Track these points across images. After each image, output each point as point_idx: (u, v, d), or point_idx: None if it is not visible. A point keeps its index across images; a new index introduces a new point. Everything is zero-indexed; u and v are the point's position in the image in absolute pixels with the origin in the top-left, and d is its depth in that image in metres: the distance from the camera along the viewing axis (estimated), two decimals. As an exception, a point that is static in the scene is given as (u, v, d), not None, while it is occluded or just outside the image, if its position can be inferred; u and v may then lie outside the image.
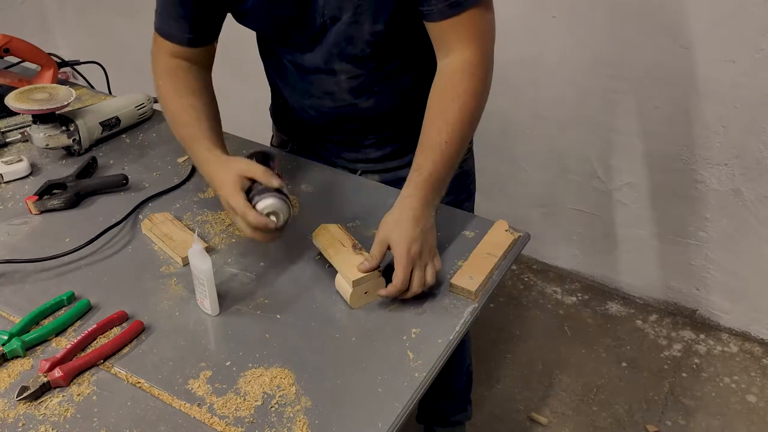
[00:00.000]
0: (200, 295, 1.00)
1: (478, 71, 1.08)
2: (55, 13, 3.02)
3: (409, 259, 0.98)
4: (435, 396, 1.76)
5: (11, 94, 1.33)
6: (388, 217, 1.04)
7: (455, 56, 1.08)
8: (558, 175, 2.27)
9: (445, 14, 1.05)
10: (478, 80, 1.08)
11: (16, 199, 1.25)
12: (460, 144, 1.07)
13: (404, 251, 0.98)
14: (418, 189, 1.04)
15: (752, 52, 1.78)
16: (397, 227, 1.01)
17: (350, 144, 1.33)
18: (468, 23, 1.06)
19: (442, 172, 1.06)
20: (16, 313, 1.00)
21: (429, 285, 1.01)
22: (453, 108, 1.07)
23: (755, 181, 1.95)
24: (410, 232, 1.00)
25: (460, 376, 1.71)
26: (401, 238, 0.99)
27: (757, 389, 2.04)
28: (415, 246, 0.99)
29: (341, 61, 1.16)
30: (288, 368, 0.92)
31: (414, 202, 1.03)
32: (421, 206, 1.03)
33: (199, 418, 0.85)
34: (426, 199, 1.04)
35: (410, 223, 1.01)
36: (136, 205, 1.22)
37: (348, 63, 1.16)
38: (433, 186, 1.05)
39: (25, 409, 0.86)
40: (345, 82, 1.19)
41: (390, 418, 0.85)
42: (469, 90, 1.07)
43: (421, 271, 1.00)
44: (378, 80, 1.20)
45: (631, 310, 2.34)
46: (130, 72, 2.08)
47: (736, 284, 2.16)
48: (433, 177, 1.05)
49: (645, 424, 1.94)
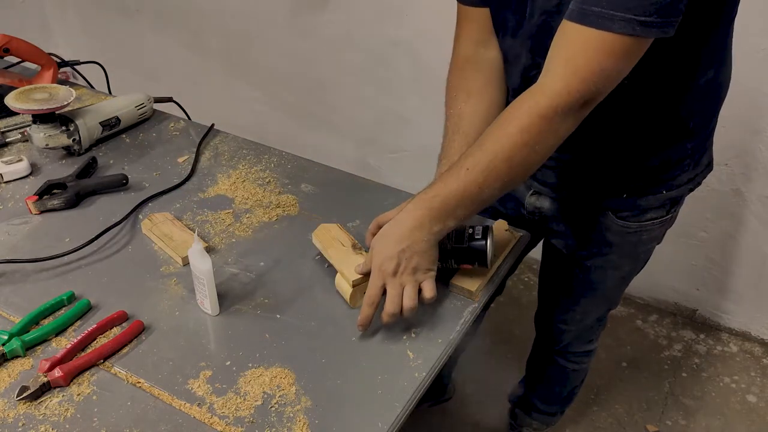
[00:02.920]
0: (200, 295, 1.00)
1: (546, 104, 0.87)
2: (55, 13, 3.01)
3: (379, 273, 0.94)
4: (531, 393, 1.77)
5: (11, 94, 1.33)
6: (383, 227, 0.99)
7: (543, 78, 0.89)
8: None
9: (571, 15, 0.84)
10: (540, 115, 0.87)
11: (16, 199, 1.25)
12: (485, 178, 0.91)
13: (376, 265, 0.95)
14: (416, 207, 0.95)
15: (752, 52, 1.78)
16: (381, 240, 0.96)
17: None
18: (580, 45, 0.84)
19: (451, 199, 0.93)
20: (16, 313, 1.00)
21: (407, 309, 0.94)
22: (494, 136, 0.91)
23: (755, 181, 1.95)
24: (388, 248, 0.94)
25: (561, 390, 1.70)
26: (378, 252, 0.95)
27: (757, 389, 2.04)
28: (389, 263, 0.93)
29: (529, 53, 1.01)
30: (288, 368, 0.92)
31: (405, 219, 0.95)
32: (411, 226, 0.94)
33: (199, 418, 0.85)
34: (419, 220, 0.94)
35: (393, 239, 0.95)
36: (136, 205, 1.22)
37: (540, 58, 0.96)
38: (434, 209, 0.94)
39: (25, 409, 0.86)
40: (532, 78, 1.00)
41: (390, 418, 0.85)
42: (522, 122, 0.89)
43: (394, 289, 0.94)
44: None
45: (631, 310, 2.34)
46: (130, 72, 2.08)
47: (736, 284, 2.16)
48: (437, 200, 0.94)
49: (645, 424, 1.93)
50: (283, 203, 1.24)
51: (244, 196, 1.26)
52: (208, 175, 1.33)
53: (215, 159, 1.39)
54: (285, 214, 1.22)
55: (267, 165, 1.36)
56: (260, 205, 1.24)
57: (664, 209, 1.17)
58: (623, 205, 1.15)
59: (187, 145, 1.43)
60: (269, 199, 1.25)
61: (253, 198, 1.26)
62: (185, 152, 1.40)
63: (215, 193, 1.28)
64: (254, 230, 1.18)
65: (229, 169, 1.35)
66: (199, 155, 1.39)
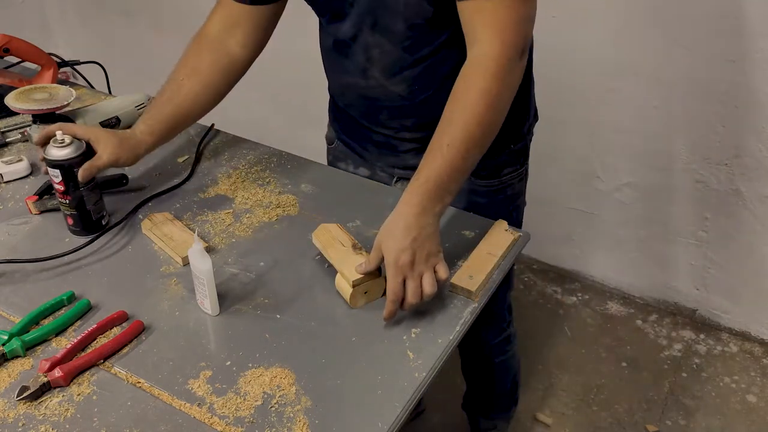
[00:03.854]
0: (200, 295, 1.00)
1: (495, 68, 0.98)
2: (55, 13, 3.02)
3: (398, 269, 0.95)
4: (477, 397, 1.77)
5: (11, 94, 1.33)
6: (385, 223, 1.00)
7: (477, 48, 0.99)
8: (558, 175, 2.27)
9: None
10: (493, 78, 0.98)
11: (16, 199, 1.25)
12: (466, 148, 0.99)
13: (392, 261, 0.95)
14: (414, 195, 0.98)
15: (752, 52, 1.78)
16: (388, 235, 0.97)
17: (388, 147, 1.28)
18: (498, 10, 0.96)
19: (443, 177, 0.98)
20: (16, 313, 1.00)
21: (428, 295, 0.96)
22: (459, 108, 0.99)
23: (755, 181, 1.95)
24: (400, 241, 0.95)
25: (503, 384, 1.71)
26: (390, 248, 0.96)
27: (757, 389, 2.04)
28: (405, 255, 0.95)
29: (373, 31, 1.10)
30: (288, 368, 0.92)
31: (407, 209, 0.98)
32: (415, 213, 0.97)
33: (199, 418, 0.85)
34: (421, 205, 0.97)
35: (401, 231, 0.96)
36: (136, 205, 1.22)
37: (380, 36, 1.10)
38: (431, 192, 0.98)
39: (25, 409, 0.86)
40: (377, 58, 1.13)
41: (390, 418, 0.85)
42: (480, 88, 0.98)
43: (415, 281, 0.95)
44: (411, 63, 1.13)
45: (631, 310, 2.34)
46: (130, 72, 2.08)
47: (736, 284, 2.16)
48: (431, 182, 0.98)
49: (645, 424, 1.94)
50: (283, 203, 1.24)
51: (244, 196, 1.26)
52: (208, 175, 1.33)
53: (215, 159, 1.39)
54: (285, 214, 1.22)
55: (267, 165, 1.36)
56: (260, 205, 1.24)
57: (518, 163, 1.31)
58: (481, 166, 1.19)
59: (187, 145, 1.43)
60: (269, 199, 1.25)
61: (253, 198, 1.26)
62: (185, 152, 1.40)
63: (215, 193, 1.28)
64: (254, 230, 1.18)
65: (229, 169, 1.35)
66: (199, 155, 1.39)
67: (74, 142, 1.09)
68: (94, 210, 1.14)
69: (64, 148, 1.08)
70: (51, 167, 1.08)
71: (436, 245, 0.99)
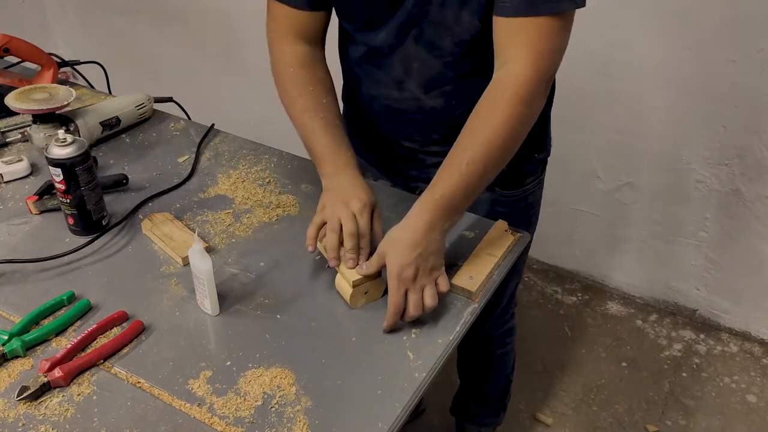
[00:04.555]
0: (200, 295, 1.00)
1: (524, 93, 0.97)
2: (55, 13, 3.02)
3: (400, 282, 0.95)
4: (468, 397, 1.77)
5: (11, 94, 1.33)
6: (391, 231, 1.00)
7: (509, 68, 0.98)
8: (558, 175, 2.27)
9: (519, 10, 0.94)
10: (521, 103, 0.97)
11: (16, 199, 1.25)
12: (485, 168, 0.98)
13: (395, 273, 0.95)
14: (425, 210, 0.98)
15: (752, 52, 1.78)
16: (393, 247, 0.97)
17: (413, 161, 1.27)
18: (537, 32, 0.95)
19: (457, 195, 0.98)
20: (16, 313, 1.00)
21: (429, 308, 0.96)
22: (484, 126, 0.98)
23: (755, 181, 1.96)
24: (405, 255, 0.95)
25: (497, 383, 1.71)
26: (394, 261, 0.95)
27: (757, 389, 2.04)
28: (409, 270, 0.95)
29: (417, 44, 1.08)
30: (288, 368, 0.92)
31: (417, 223, 0.97)
32: (423, 229, 0.97)
33: (199, 418, 0.85)
34: (431, 222, 0.97)
35: (407, 245, 0.96)
36: (136, 205, 1.22)
37: (423, 49, 1.08)
38: (443, 209, 0.98)
39: (25, 409, 0.86)
40: (416, 71, 1.12)
41: (390, 418, 0.85)
42: (507, 110, 0.97)
43: (417, 293, 0.95)
44: (451, 78, 1.12)
45: (631, 310, 2.34)
46: (130, 72, 2.08)
47: (736, 284, 2.16)
48: (444, 199, 0.98)
49: (645, 424, 1.94)
50: (283, 203, 1.24)
51: (244, 196, 1.26)
52: (208, 175, 1.33)
53: (215, 159, 1.39)
54: (285, 214, 1.22)
55: (267, 165, 1.36)
56: (260, 205, 1.24)
57: (538, 171, 1.33)
58: (505, 178, 1.26)
59: (187, 145, 1.43)
60: (269, 199, 1.25)
61: (253, 198, 1.26)
62: (185, 152, 1.40)
63: (215, 193, 1.28)
64: (254, 230, 1.18)
65: (229, 169, 1.35)
66: (199, 155, 1.39)
67: (76, 141, 1.09)
68: (94, 210, 1.14)
69: (66, 147, 1.08)
70: (52, 166, 1.08)
71: (440, 260, 0.99)
